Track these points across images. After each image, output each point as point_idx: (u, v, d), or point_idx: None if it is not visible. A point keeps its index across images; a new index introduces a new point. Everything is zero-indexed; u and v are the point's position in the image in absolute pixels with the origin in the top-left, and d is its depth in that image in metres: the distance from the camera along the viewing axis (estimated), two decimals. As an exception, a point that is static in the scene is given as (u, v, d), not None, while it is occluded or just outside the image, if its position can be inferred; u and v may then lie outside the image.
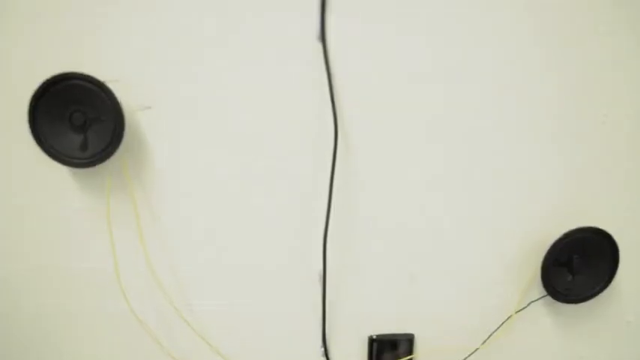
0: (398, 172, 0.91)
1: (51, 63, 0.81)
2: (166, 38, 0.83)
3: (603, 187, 0.95)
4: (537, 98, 0.90)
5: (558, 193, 0.94)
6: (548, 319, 0.98)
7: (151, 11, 0.82)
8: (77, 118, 0.80)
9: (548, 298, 0.95)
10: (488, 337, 0.96)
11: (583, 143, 0.93)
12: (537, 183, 0.93)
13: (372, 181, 0.91)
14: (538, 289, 0.96)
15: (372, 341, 0.96)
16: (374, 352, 0.95)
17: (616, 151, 0.93)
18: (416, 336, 0.96)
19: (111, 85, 0.79)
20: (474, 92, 0.89)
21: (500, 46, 0.87)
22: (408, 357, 0.96)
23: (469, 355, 0.96)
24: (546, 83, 0.89)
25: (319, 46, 0.84)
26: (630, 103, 0.92)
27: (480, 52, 0.87)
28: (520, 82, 0.89)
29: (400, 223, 0.93)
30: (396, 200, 0.92)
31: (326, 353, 0.95)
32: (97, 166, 0.82)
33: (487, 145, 0.91)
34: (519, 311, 0.96)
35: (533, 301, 0.97)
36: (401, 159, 0.90)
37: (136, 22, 0.82)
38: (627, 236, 0.95)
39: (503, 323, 0.96)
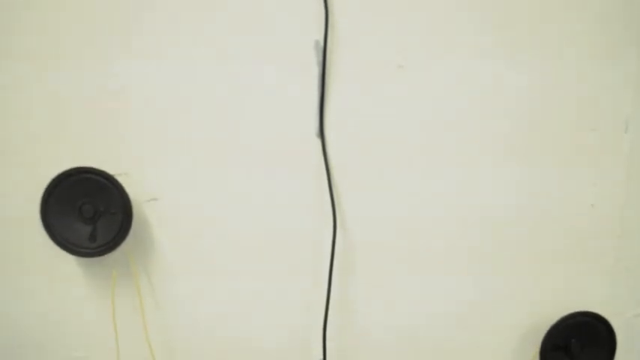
0: (397, 264, 0.93)
1: (62, 157, 0.85)
2: (173, 133, 0.87)
3: (598, 270, 0.96)
4: (533, 183, 0.93)
5: (554, 277, 0.96)
6: (549, 405, 0.98)
7: (157, 106, 0.86)
8: (87, 210, 0.83)
9: (548, 384, 0.95)
10: None
11: (574, 227, 0.95)
12: (533, 269, 0.95)
13: (370, 273, 0.93)
14: (538, 375, 0.96)
15: None
16: None
17: (606, 234, 0.96)
18: None
19: (120, 178, 0.83)
20: (473, 185, 0.92)
21: (493, 147, 0.92)
22: None
23: None
24: (538, 172, 0.93)
25: (318, 142, 0.88)
26: (617, 187, 0.95)
27: (475, 143, 0.91)
28: (515, 176, 0.93)
29: (399, 315, 0.94)
30: (395, 292, 0.94)
31: None
32: (103, 256, 0.84)
33: (485, 234, 0.93)
34: (520, 398, 0.96)
35: (533, 388, 0.96)
36: (400, 251, 0.92)
37: (141, 118, 0.86)
38: (623, 320, 0.96)
39: (504, 410, 0.96)
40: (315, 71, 0.86)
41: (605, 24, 0.90)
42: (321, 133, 0.88)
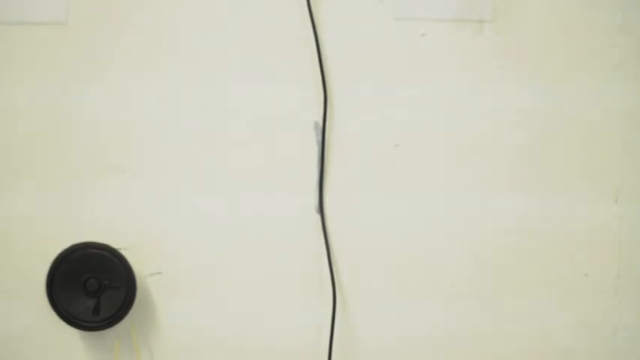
0: (397, 334, 0.93)
1: (67, 232, 0.87)
2: (175, 208, 0.90)
3: (598, 337, 0.97)
4: (528, 250, 0.94)
5: (553, 344, 0.96)
6: None
7: (158, 180, 0.90)
8: (92, 284, 0.84)
9: None
10: None
11: (571, 296, 0.96)
12: (532, 336, 0.95)
13: (371, 343, 0.93)
14: None
15: None
16: None
17: (602, 300, 0.97)
18: None
19: (124, 253, 0.85)
20: (472, 254, 0.93)
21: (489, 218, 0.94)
22: None
23: None
24: (534, 239, 0.95)
25: (318, 217, 0.91)
26: (612, 256, 0.97)
27: (474, 220, 0.93)
28: (513, 245, 0.94)
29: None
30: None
31: None
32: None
33: (485, 303, 0.94)
34: None
35: None
36: (400, 322, 0.93)
37: (143, 193, 0.90)
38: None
39: None
40: (315, 150, 0.90)
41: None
42: (321, 210, 0.91)
